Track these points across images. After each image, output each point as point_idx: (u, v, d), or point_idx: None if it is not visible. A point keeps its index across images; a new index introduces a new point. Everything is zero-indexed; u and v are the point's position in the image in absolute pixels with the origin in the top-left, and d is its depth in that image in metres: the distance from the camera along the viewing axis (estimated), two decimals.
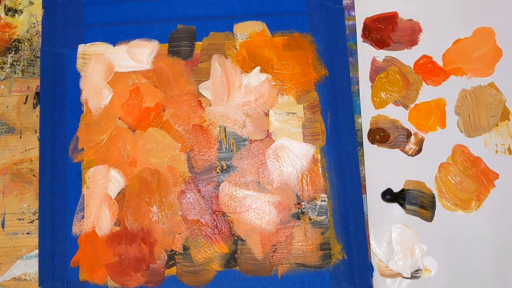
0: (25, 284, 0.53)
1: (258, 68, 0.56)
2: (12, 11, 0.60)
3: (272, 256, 0.52)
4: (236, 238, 0.53)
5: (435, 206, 0.53)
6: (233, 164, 0.54)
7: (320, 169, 0.54)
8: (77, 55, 0.57)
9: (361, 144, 0.55)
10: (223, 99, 0.55)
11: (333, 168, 0.54)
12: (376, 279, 0.52)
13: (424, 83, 0.56)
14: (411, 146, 0.54)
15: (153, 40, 0.57)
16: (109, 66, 0.57)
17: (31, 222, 0.54)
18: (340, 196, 0.53)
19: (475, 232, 0.52)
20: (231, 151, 0.55)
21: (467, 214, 0.53)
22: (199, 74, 0.56)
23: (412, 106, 0.55)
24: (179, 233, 0.53)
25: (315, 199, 0.53)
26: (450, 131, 0.55)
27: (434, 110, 0.55)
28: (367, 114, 0.55)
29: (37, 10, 0.59)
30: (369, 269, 0.51)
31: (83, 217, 0.53)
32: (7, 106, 0.57)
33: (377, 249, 0.52)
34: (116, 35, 0.58)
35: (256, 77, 0.56)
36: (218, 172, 0.54)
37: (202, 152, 0.54)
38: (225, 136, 0.55)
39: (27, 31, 0.59)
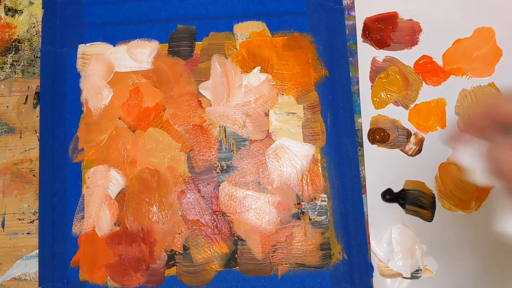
0: (25, 284, 0.53)
1: (258, 68, 0.56)
2: (12, 11, 0.60)
3: (272, 256, 0.52)
4: (236, 238, 0.53)
5: (435, 206, 0.53)
6: (233, 164, 0.54)
7: (320, 169, 0.54)
8: (77, 55, 0.57)
9: (361, 144, 0.55)
10: (223, 99, 0.55)
11: (333, 168, 0.54)
12: (376, 279, 0.52)
13: (424, 83, 0.56)
14: (411, 146, 0.54)
15: (153, 40, 0.57)
16: (109, 66, 0.57)
17: (31, 222, 0.54)
18: (340, 196, 0.53)
19: (475, 232, 0.52)
20: (231, 151, 0.55)
21: (467, 214, 0.53)
22: (199, 74, 0.56)
23: (412, 106, 0.55)
24: (179, 233, 0.53)
25: (315, 199, 0.53)
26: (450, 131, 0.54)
27: (434, 110, 0.55)
28: (367, 114, 0.55)
29: (37, 10, 0.59)
30: (369, 269, 0.51)
31: (83, 217, 0.53)
32: (7, 106, 0.57)
33: (377, 249, 0.52)
34: (116, 35, 0.58)
35: (256, 77, 0.56)
36: (218, 172, 0.54)
37: (202, 152, 0.54)
38: (225, 136, 0.55)
39: (27, 31, 0.59)
